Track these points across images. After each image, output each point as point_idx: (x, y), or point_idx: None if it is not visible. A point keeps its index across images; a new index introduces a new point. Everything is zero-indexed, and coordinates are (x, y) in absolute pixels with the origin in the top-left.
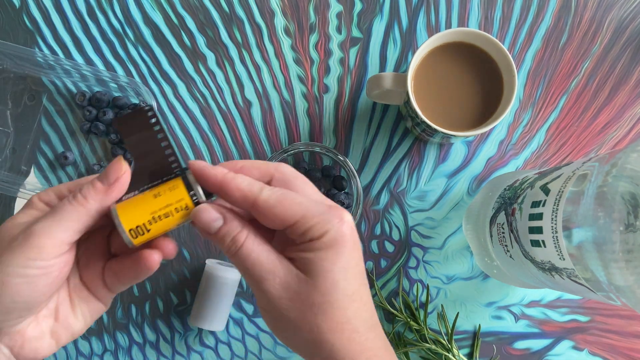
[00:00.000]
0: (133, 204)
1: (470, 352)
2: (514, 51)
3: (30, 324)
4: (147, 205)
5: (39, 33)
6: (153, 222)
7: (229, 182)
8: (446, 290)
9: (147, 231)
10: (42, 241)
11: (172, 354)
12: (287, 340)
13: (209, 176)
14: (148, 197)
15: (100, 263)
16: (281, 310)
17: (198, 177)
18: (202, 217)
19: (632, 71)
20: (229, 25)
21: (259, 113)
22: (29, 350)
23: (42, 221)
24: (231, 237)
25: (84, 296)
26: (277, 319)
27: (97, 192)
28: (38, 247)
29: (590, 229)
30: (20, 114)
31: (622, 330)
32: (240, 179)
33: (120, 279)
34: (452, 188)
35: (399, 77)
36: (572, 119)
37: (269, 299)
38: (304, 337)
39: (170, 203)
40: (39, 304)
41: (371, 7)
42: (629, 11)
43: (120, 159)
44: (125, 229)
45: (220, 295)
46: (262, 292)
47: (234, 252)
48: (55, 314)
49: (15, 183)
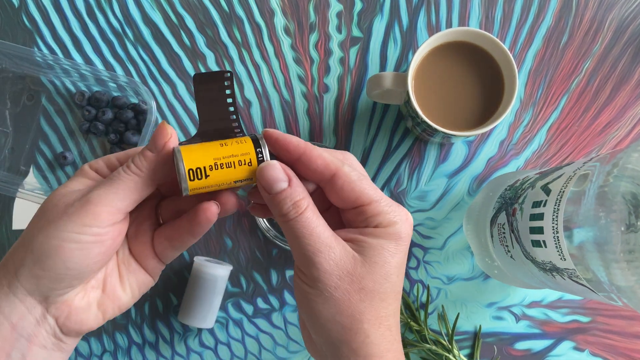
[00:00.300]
0: (197, 147)
1: (470, 352)
2: (515, 51)
3: (78, 294)
4: (212, 150)
5: (38, 32)
6: (214, 168)
7: (312, 150)
8: (447, 291)
9: (206, 176)
10: (98, 208)
11: (171, 355)
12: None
13: (289, 142)
14: (214, 144)
15: (149, 233)
16: (328, 287)
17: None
18: (269, 173)
19: (633, 71)
20: (229, 24)
21: (259, 113)
22: (74, 322)
23: (98, 189)
24: (293, 201)
25: (132, 268)
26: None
27: (149, 161)
28: (94, 214)
29: (591, 229)
30: (19, 113)
31: (623, 331)
32: (322, 149)
33: (174, 244)
34: (453, 188)
35: (400, 77)
36: (573, 119)
37: (318, 274)
38: (341, 321)
39: (235, 154)
40: (90, 272)
41: (371, 6)
42: (629, 11)
43: (164, 124)
44: (185, 167)
45: (207, 292)
46: (313, 265)
47: (293, 217)
48: (103, 286)
49: (14, 183)
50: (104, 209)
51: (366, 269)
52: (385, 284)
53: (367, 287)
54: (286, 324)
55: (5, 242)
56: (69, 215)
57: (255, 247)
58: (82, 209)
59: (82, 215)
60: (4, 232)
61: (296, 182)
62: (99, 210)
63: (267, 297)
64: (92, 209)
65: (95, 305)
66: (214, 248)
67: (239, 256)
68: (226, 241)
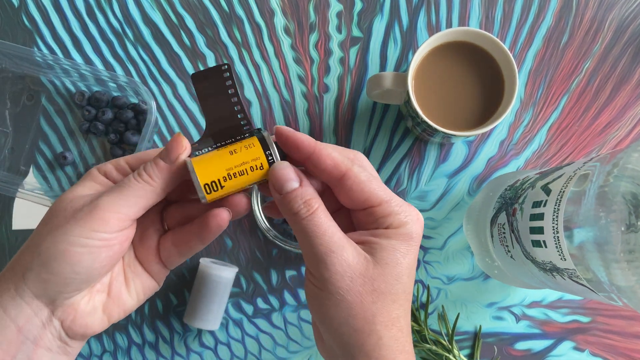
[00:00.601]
0: (208, 159)
1: (471, 352)
2: (515, 51)
3: (83, 297)
4: (223, 161)
5: (38, 32)
6: (228, 178)
7: (322, 149)
8: (447, 291)
9: (221, 187)
10: (107, 215)
11: (171, 355)
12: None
13: (300, 141)
14: (224, 153)
15: (154, 238)
16: (339, 289)
17: (287, 140)
18: (280, 173)
19: (634, 71)
20: (229, 24)
21: (259, 113)
22: (80, 325)
23: (108, 195)
24: (304, 199)
25: (138, 272)
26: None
27: (161, 170)
28: (103, 220)
29: (591, 229)
30: (19, 113)
31: (623, 331)
32: (332, 148)
33: (181, 249)
34: (453, 188)
35: (400, 77)
36: (573, 119)
37: (329, 275)
38: (354, 324)
39: (246, 161)
40: (97, 276)
41: (371, 6)
42: (630, 10)
43: (180, 136)
44: (200, 183)
45: (214, 294)
46: (325, 266)
47: (305, 217)
48: (109, 289)
49: (14, 183)
50: (113, 216)
51: (378, 271)
52: (397, 285)
53: (379, 289)
54: (286, 324)
55: (5, 242)
56: (77, 220)
57: (255, 247)
58: (90, 214)
59: (90, 220)
60: (4, 232)
61: (307, 182)
62: (108, 217)
63: (267, 297)
64: (100, 215)
65: (100, 309)
66: (214, 248)
67: (239, 256)
68: (226, 241)
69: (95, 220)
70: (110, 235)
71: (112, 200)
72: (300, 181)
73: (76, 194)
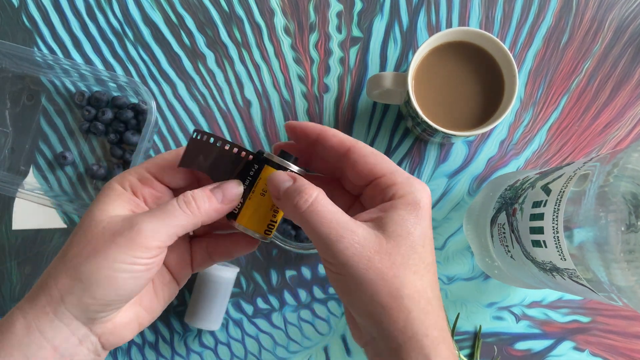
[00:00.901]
0: (252, 211)
1: (471, 352)
2: (515, 51)
3: (119, 311)
4: (263, 204)
5: (38, 32)
6: (276, 214)
7: (327, 130)
8: (447, 291)
9: (275, 222)
10: (149, 242)
11: (171, 355)
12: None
13: (306, 127)
14: (257, 198)
15: (184, 245)
16: (359, 270)
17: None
18: (273, 179)
19: (634, 71)
20: (229, 24)
21: (259, 113)
22: (117, 337)
23: (150, 221)
24: (299, 191)
25: (166, 280)
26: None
27: (211, 206)
28: (147, 247)
29: (591, 229)
30: (19, 113)
31: (623, 331)
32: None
33: (214, 257)
34: (453, 188)
35: (400, 77)
36: (573, 119)
37: (346, 259)
38: (380, 301)
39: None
40: (136, 294)
41: (371, 6)
42: (630, 10)
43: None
44: (261, 234)
45: (215, 295)
46: (339, 252)
47: (305, 208)
48: (140, 299)
49: (13, 183)
50: (156, 243)
51: (392, 244)
52: (413, 255)
53: (396, 262)
54: (286, 324)
55: (5, 242)
56: (119, 245)
57: None
58: (133, 241)
59: (133, 246)
60: (4, 232)
61: (300, 177)
62: (151, 244)
63: (267, 297)
64: (144, 243)
65: (135, 319)
66: None
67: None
68: None
69: (138, 247)
70: (151, 260)
71: (154, 228)
72: (294, 179)
73: (109, 213)
